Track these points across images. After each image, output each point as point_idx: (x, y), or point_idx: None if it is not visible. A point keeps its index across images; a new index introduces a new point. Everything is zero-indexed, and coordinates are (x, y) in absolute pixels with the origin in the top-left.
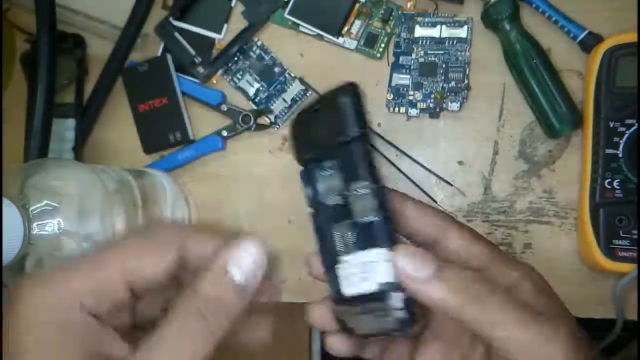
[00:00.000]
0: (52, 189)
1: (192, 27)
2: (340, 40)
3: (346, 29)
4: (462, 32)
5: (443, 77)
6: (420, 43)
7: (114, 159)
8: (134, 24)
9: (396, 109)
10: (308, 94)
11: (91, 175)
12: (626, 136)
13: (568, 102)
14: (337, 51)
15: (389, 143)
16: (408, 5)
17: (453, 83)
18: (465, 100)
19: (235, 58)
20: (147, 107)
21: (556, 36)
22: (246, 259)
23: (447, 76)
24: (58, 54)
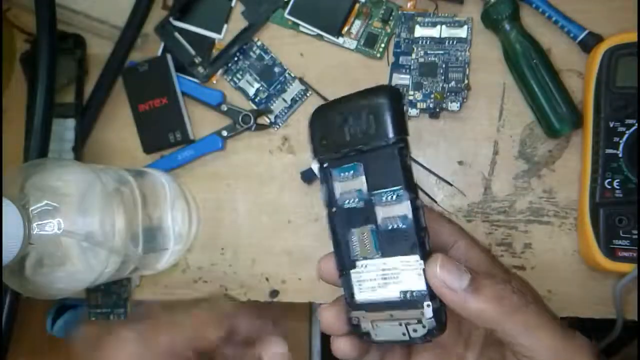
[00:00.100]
0: (52, 189)
1: (192, 27)
2: (340, 40)
3: (346, 29)
4: (462, 32)
5: (443, 77)
6: (420, 43)
7: (114, 159)
8: (134, 24)
9: None
10: (308, 94)
11: (91, 175)
12: (626, 136)
13: (568, 102)
14: (337, 51)
15: None
16: (408, 5)
17: (453, 83)
18: (465, 100)
19: (235, 58)
20: (147, 107)
21: (556, 36)
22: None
23: (447, 76)
24: (58, 54)
